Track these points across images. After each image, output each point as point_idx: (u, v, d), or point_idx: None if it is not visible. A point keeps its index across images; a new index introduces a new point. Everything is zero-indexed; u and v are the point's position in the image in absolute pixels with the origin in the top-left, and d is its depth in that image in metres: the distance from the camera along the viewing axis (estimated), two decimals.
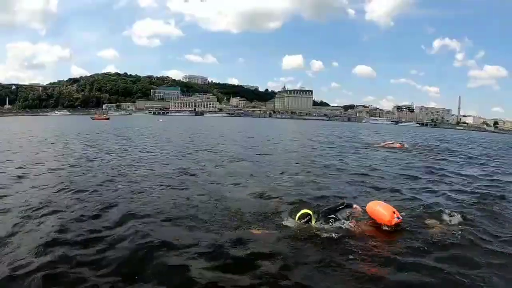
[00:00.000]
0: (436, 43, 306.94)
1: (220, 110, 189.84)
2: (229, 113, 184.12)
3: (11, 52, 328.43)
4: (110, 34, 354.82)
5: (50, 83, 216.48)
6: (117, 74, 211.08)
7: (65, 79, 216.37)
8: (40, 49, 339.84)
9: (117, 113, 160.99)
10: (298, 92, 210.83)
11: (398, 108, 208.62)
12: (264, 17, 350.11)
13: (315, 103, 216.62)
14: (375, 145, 25.05)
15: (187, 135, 33.11)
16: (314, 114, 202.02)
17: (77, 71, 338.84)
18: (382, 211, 5.71)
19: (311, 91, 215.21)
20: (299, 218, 5.65)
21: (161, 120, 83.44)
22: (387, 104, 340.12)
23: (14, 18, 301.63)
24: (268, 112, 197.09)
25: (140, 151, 17.83)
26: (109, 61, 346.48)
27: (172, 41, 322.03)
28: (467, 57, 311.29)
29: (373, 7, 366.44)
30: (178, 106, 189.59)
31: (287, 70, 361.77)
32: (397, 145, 23.64)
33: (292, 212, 6.31)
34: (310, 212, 5.70)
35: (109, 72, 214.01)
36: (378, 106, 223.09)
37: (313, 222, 5.62)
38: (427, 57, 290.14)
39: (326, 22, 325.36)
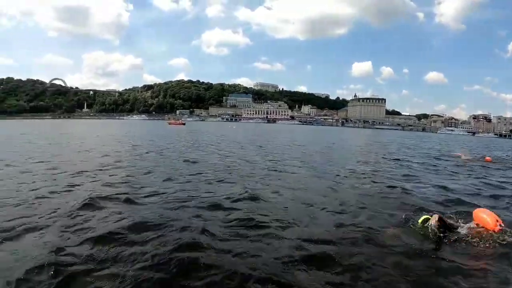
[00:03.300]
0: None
1: (292, 118, 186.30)
2: (301, 121, 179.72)
3: (87, 61, 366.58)
4: (180, 43, 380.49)
5: (126, 89, 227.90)
6: (190, 81, 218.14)
7: (139, 86, 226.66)
8: (114, 58, 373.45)
9: (191, 119, 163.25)
10: (371, 100, 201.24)
11: (475, 117, 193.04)
12: (330, 24, 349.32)
13: (386, 112, 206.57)
14: (463, 158, 22.32)
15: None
16: (387, 123, 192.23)
17: (149, 78, 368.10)
18: (487, 218, 6.03)
19: (384, 100, 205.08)
20: (421, 222, 6.12)
21: (234, 127, 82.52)
22: (460, 113, 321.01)
23: (89, 30, 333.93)
24: (340, 121, 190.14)
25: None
26: (180, 69, 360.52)
27: (240, 49, 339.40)
28: None
29: (442, 10, 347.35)
30: (250, 113, 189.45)
31: (356, 77, 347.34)
32: (487, 158, 21.83)
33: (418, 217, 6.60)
34: (430, 217, 6.13)
35: (182, 80, 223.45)
36: (451, 115, 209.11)
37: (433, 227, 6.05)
38: (502, 61, 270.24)
39: (395, 27, 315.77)
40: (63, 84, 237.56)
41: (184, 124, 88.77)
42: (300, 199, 8.20)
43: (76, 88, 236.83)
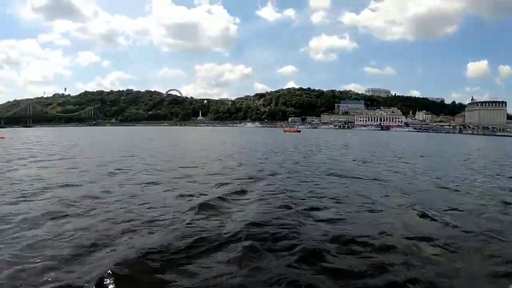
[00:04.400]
0: None
1: (406, 124, 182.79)
2: (415, 128, 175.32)
3: (200, 73, 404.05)
4: (288, 51, 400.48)
5: (238, 98, 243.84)
6: (301, 89, 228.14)
7: (251, 95, 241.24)
8: (225, 69, 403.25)
9: (303, 126, 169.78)
10: (489, 104, 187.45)
11: None
12: (439, 21, 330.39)
13: (507, 117, 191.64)
14: None
15: None
16: (509, 129, 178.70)
17: (259, 87, 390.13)
18: None
19: (505, 103, 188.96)
20: None
21: (348, 135, 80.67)
22: None
23: (200, 44, 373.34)
24: (457, 127, 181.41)
25: None
26: (289, 77, 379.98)
27: (348, 55, 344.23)
28: None
29: None
30: (363, 120, 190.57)
31: (472, 79, 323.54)
32: None
33: None
34: None
35: (293, 87, 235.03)
36: None
37: None
38: None
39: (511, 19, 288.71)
40: (178, 94, 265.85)
41: (299, 131, 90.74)
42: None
43: (191, 97, 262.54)
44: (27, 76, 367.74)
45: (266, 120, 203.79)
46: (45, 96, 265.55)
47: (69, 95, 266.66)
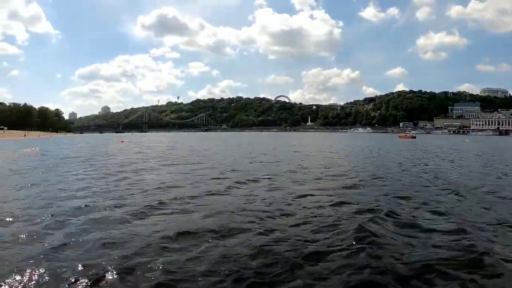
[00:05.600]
0: None
1: None
2: None
3: (307, 78, 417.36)
4: (395, 52, 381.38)
5: (347, 102, 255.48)
6: (412, 91, 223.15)
7: (360, 99, 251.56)
8: (332, 74, 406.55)
9: (415, 131, 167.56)
10: None
11: None
12: None
13: None
14: None
15: None
16: None
17: (368, 91, 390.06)
18: None
19: None
20: None
21: (467, 140, 74.90)
22: None
23: (305, 50, 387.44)
24: None
25: None
26: (398, 79, 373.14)
27: (458, 51, 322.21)
28: None
29: None
30: (479, 124, 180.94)
31: None
32: None
33: None
34: None
35: (403, 90, 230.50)
36: None
37: None
38: None
39: None
40: (287, 100, 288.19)
41: (414, 137, 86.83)
42: None
43: (300, 103, 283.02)
44: (142, 87, 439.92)
45: (376, 125, 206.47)
46: (159, 104, 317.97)
47: (181, 103, 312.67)
